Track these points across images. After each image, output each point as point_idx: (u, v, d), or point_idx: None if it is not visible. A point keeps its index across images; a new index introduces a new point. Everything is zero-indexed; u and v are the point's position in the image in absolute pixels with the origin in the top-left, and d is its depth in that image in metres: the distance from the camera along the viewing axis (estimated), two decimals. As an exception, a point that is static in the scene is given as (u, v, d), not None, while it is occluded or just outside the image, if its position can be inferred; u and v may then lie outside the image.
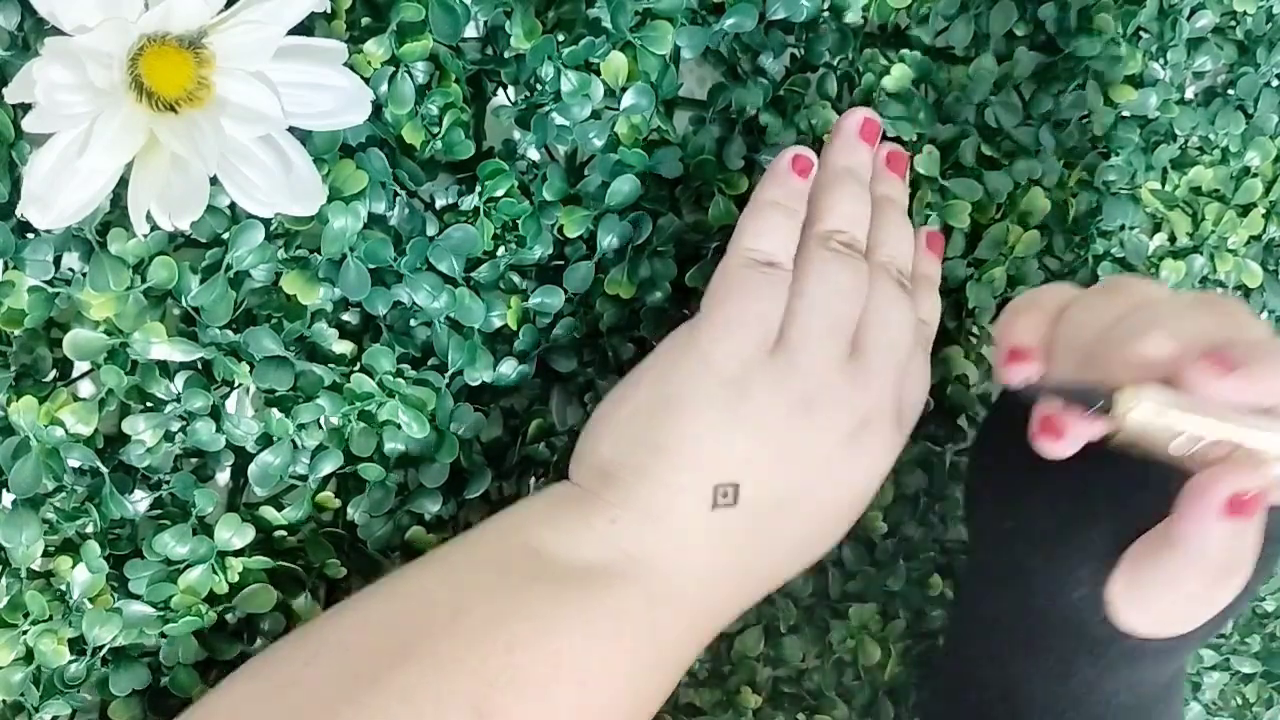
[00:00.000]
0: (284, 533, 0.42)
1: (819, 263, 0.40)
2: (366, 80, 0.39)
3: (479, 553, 0.39)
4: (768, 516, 0.40)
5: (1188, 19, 0.52)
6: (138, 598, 0.40)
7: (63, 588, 0.40)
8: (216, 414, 0.41)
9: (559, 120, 0.43)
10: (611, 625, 0.37)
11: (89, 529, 0.40)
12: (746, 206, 0.42)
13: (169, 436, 0.41)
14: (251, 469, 0.41)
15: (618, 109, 0.44)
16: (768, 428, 0.39)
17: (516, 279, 0.45)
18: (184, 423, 0.41)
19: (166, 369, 0.40)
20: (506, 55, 0.43)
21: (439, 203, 0.43)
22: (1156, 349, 0.34)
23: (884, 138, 0.46)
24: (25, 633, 0.39)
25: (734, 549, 0.40)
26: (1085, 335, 0.37)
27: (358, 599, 0.39)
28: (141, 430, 0.40)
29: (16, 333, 0.39)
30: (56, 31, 0.33)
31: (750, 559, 0.40)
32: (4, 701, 0.39)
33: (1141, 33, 0.51)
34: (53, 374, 0.40)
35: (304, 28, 0.36)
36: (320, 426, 0.42)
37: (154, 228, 0.36)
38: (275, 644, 0.39)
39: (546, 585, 0.38)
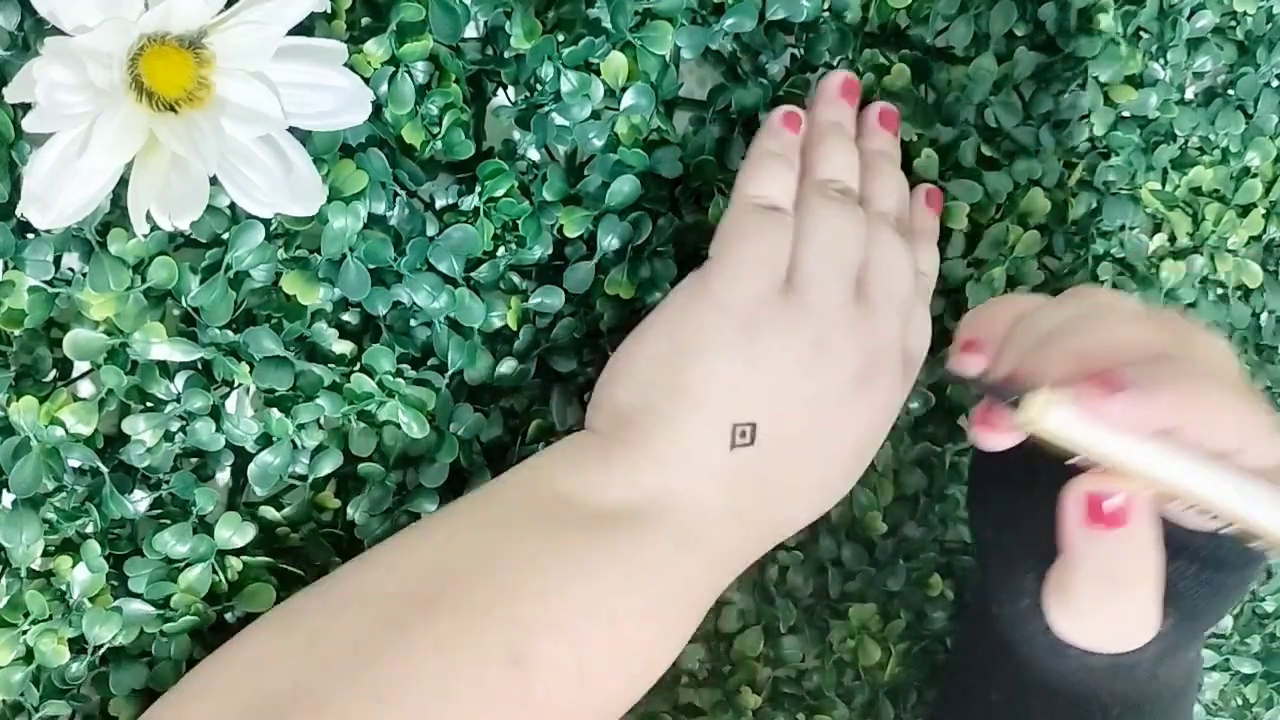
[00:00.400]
0: (285, 530, 0.42)
1: (818, 207, 0.42)
2: (366, 80, 0.39)
3: (505, 501, 0.40)
4: (785, 455, 0.40)
5: (1188, 19, 0.52)
6: (138, 596, 0.40)
7: (63, 587, 0.40)
8: (216, 414, 0.41)
9: (559, 120, 0.43)
10: (639, 568, 0.38)
11: (89, 529, 0.40)
12: (744, 159, 0.43)
13: (169, 436, 0.41)
14: (251, 469, 0.41)
15: (618, 109, 0.44)
16: (781, 367, 0.40)
17: (516, 279, 0.45)
18: (184, 423, 0.41)
19: (166, 369, 0.40)
20: (506, 55, 0.43)
21: (439, 203, 0.43)
22: (1063, 358, 0.35)
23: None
24: (25, 632, 0.39)
25: (754, 488, 0.40)
26: (1031, 336, 0.37)
27: (381, 549, 0.39)
28: (141, 430, 0.40)
29: (16, 333, 0.39)
30: (56, 31, 0.33)
31: (770, 498, 0.41)
32: (4, 701, 0.39)
33: (1141, 33, 0.51)
34: (53, 374, 0.40)
35: (304, 28, 0.36)
36: (320, 426, 0.42)
37: (154, 228, 0.36)
38: (293, 598, 0.39)
39: (575, 531, 0.38)
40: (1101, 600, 0.35)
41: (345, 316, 0.43)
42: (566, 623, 0.37)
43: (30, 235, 0.38)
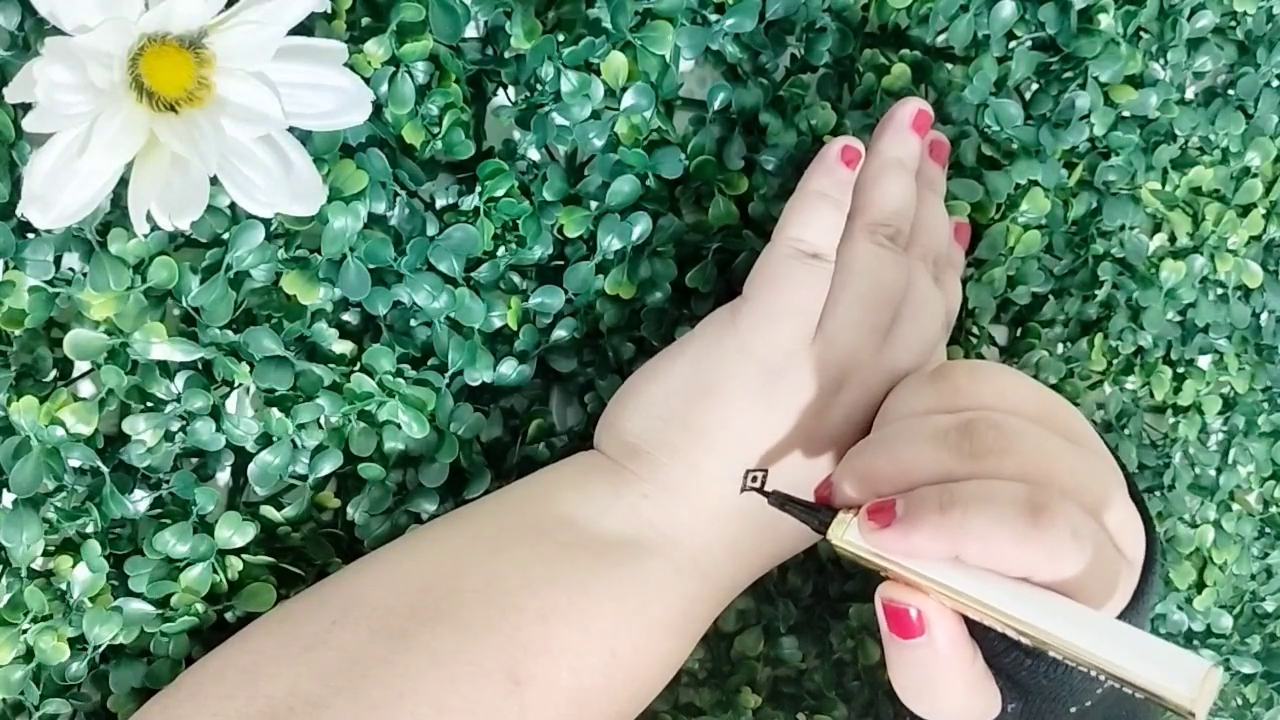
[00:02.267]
0: (285, 529, 0.42)
1: (865, 256, 0.41)
2: (367, 80, 0.39)
3: (509, 518, 0.40)
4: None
5: (1188, 19, 0.52)
6: (138, 596, 0.40)
7: (63, 586, 0.40)
8: (216, 414, 0.41)
9: (559, 120, 0.43)
10: (640, 595, 0.38)
11: (89, 528, 0.40)
12: (793, 195, 0.41)
13: (169, 436, 0.41)
14: (251, 468, 0.41)
15: (618, 109, 0.44)
16: (799, 414, 0.40)
17: (516, 279, 0.45)
18: (184, 422, 0.41)
19: (166, 369, 0.40)
20: (506, 55, 0.43)
21: (439, 203, 0.43)
22: (854, 480, 0.35)
23: None
24: (25, 631, 0.39)
25: (755, 528, 0.41)
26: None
27: (382, 557, 0.39)
28: (142, 430, 0.40)
29: (17, 333, 0.39)
30: (57, 31, 0.33)
31: (769, 538, 0.41)
32: (4, 700, 0.40)
33: (1141, 33, 0.51)
34: (53, 374, 0.40)
35: (304, 28, 0.36)
36: (320, 426, 0.42)
37: (154, 228, 0.36)
38: (290, 602, 0.39)
39: (578, 555, 0.38)
40: (918, 698, 0.35)
41: (345, 316, 0.43)
42: (566, 645, 0.37)
43: (30, 235, 0.38)
